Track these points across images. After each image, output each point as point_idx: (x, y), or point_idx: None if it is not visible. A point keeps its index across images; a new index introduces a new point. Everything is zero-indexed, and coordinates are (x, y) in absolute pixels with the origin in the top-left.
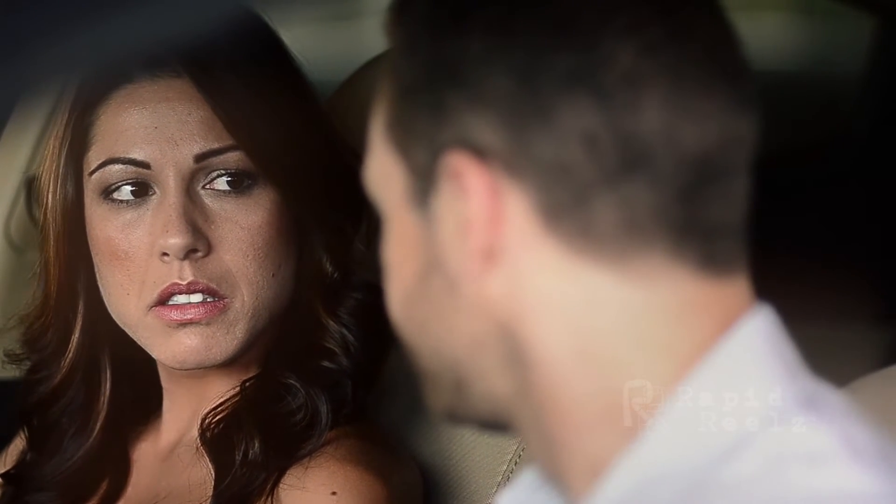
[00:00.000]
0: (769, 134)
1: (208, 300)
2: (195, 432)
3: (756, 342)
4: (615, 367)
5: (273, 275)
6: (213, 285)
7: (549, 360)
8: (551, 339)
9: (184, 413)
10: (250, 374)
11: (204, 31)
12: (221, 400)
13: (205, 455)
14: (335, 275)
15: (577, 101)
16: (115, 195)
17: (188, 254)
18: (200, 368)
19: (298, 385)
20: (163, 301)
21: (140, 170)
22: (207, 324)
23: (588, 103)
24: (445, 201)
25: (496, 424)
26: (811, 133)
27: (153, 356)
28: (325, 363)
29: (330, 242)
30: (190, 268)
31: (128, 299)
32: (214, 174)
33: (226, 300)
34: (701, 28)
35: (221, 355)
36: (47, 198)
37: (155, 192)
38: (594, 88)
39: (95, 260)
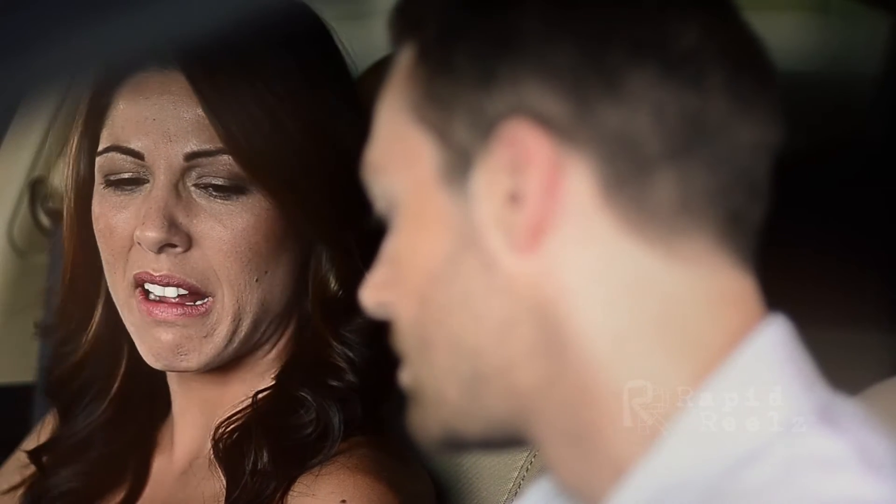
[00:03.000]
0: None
1: (187, 303)
2: (209, 445)
3: (773, 351)
4: (646, 354)
5: (257, 279)
6: (192, 281)
7: (586, 341)
8: (592, 318)
9: (197, 421)
10: (264, 385)
11: (228, 27)
12: (235, 410)
13: (217, 468)
14: (340, 293)
15: (647, 72)
16: (114, 180)
17: (164, 248)
18: (175, 371)
19: (310, 398)
20: (139, 284)
21: (136, 159)
22: (185, 326)
23: (657, 75)
24: (492, 174)
25: (503, 436)
26: (825, 134)
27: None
28: (332, 381)
29: (336, 257)
30: (166, 262)
31: (115, 277)
32: (204, 175)
33: (207, 302)
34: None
35: (196, 360)
36: (67, 174)
37: (148, 181)
38: (663, 60)
39: None
